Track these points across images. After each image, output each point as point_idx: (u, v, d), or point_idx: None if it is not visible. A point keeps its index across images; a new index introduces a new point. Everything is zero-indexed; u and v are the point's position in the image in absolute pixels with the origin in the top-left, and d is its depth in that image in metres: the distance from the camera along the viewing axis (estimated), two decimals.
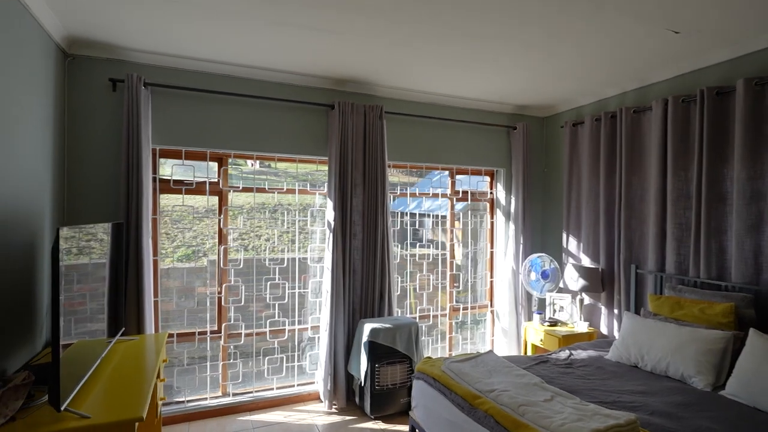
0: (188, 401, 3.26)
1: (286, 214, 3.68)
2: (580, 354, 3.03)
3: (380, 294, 3.63)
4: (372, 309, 3.60)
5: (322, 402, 3.45)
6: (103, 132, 2.94)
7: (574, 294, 3.89)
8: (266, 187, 3.54)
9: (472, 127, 4.16)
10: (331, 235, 3.44)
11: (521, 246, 4.24)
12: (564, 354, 3.04)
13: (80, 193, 2.89)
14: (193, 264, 3.42)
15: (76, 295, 2.07)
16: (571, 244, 4.03)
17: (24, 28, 2.21)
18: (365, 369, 3.23)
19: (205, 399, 3.30)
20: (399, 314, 3.99)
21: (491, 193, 4.49)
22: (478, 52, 2.92)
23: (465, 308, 4.35)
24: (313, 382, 3.63)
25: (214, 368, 3.37)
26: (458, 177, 4.32)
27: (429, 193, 4.23)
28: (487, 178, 4.50)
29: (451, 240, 4.29)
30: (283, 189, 3.57)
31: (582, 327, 3.68)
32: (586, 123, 3.86)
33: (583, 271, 3.65)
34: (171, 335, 3.21)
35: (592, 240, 3.82)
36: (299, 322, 3.67)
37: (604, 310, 3.70)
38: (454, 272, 4.30)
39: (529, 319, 4.21)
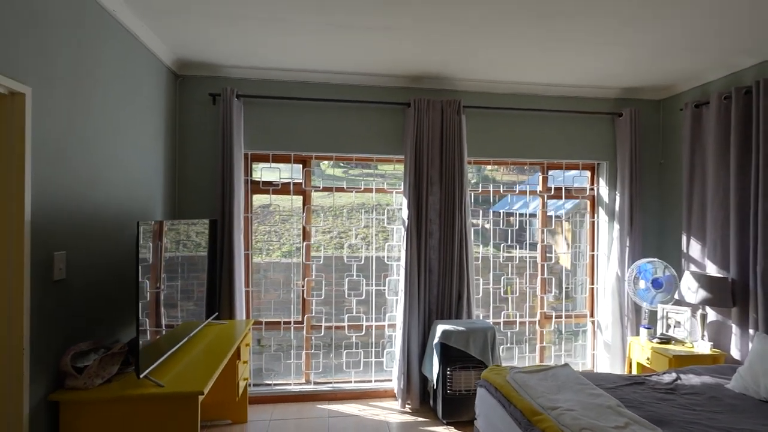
0: (275, 385, 3.54)
1: (364, 212, 3.77)
2: (691, 379, 2.53)
3: (458, 295, 3.50)
4: (449, 310, 3.49)
5: (396, 400, 3.45)
6: (205, 140, 3.36)
7: (695, 308, 3.26)
8: (345, 186, 3.68)
9: (565, 116, 3.76)
10: (406, 233, 3.43)
11: (627, 249, 3.69)
12: (669, 377, 2.57)
13: (187, 194, 3.35)
14: (280, 259, 3.71)
15: (182, 282, 2.41)
16: (693, 248, 3.38)
17: (141, 59, 2.65)
18: (437, 371, 3.15)
19: (290, 384, 3.56)
20: (480, 317, 3.80)
21: (591, 189, 4.00)
22: (563, 31, 2.63)
23: (559, 316, 3.95)
24: (390, 380, 3.65)
25: (298, 356, 3.61)
26: (551, 172, 3.95)
27: (515, 191, 3.94)
28: (587, 173, 4.03)
29: (543, 241, 3.93)
30: (360, 188, 3.67)
31: (704, 348, 3.07)
32: (713, 103, 3.20)
33: (707, 281, 3.03)
34: (259, 323, 3.53)
35: (720, 244, 3.16)
36: (377, 319, 3.73)
37: (735, 329, 3.03)
38: (546, 276, 3.93)
39: (637, 333, 3.65)
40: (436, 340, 3.14)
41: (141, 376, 1.92)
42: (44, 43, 1.80)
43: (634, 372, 3.38)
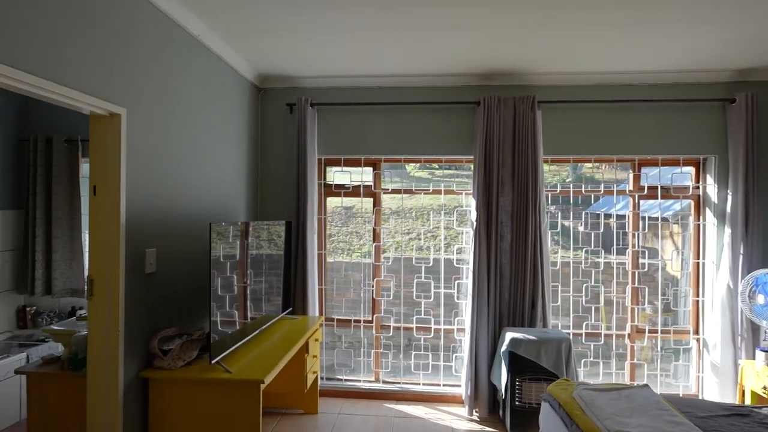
0: (346, 380, 3.68)
1: (432, 214, 3.74)
2: None
3: (531, 302, 3.30)
4: (521, 317, 3.31)
5: (464, 407, 3.36)
6: (284, 147, 3.62)
7: None
8: (413, 188, 3.69)
9: (661, 106, 3.34)
10: (474, 236, 3.33)
11: (741, 257, 3.16)
12: None
13: (269, 198, 3.64)
14: (354, 259, 3.84)
15: (258, 278, 2.65)
16: None
17: (224, 76, 2.95)
18: (505, 381, 3.01)
19: (359, 381, 3.67)
20: (559, 327, 3.54)
21: (696, 187, 3.50)
22: (651, 11, 2.35)
23: (654, 331, 3.52)
24: (459, 385, 3.57)
25: (367, 355, 3.71)
26: (644, 170, 3.54)
27: (600, 190, 3.60)
28: (690, 170, 3.53)
29: (634, 246, 3.54)
30: (429, 190, 3.65)
31: None
32: None
33: None
34: (331, 320, 3.69)
35: None
36: (447, 322, 3.67)
37: None
38: (638, 285, 3.53)
39: (752, 356, 3.11)
40: (504, 348, 3.00)
41: (212, 362, 2.14)
42: (137, 69, 2.09)
43: (748, 402, 2.89)
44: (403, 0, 2.25)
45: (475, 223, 3.33)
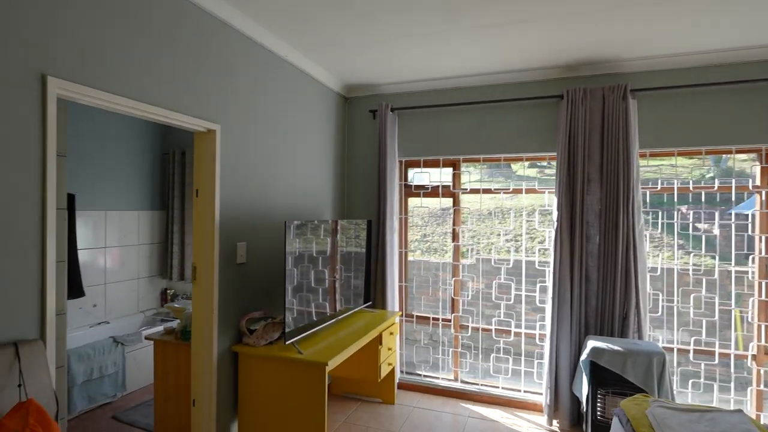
0: (424, 376, 3.76)
1: (512, 214, 3.63)
2: None
3: (623, 310, 3.02)
4: (609, 326, 3.04)
5: (543, 415, 3.21)
6: (367, 151, 3.86)
7: None
8: (492, 188, 3.62)
9: None
10: (556, 236, 3.16)
11: None
12: None
13: (354, 198, 3.92)
14: (430, 258, 3.91)
15: (337, 271, 2.92)
16: None
17: (310, 89, 3.29)
18: (586, 392, 2.80)
19: (438, 378, 3.72)
20: (658, 340, 3.16)
21: None
22: None
23: None
24: (540, 393, 3.41)
25: (445, 353, 3.75)
26: None
27: (714, 187, 3.11)
28: None
29: (761, 252, 2.99)
30: (509, 189, 3.55)
31: None
32: None
33: None
34: (411, 316, 3.81)
35: None
36: (528, 326, 3.53)
37: None
38: (765, 298, 2.97)
39: None
40: (584, 357, 2.81)
41: (286, 342, 2.43)
42: (230, 90, 2.49)
43: None
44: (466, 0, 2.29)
45: (556, 223, 3.16)
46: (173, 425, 2.63)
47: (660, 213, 3.25)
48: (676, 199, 3.20)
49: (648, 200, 3.26)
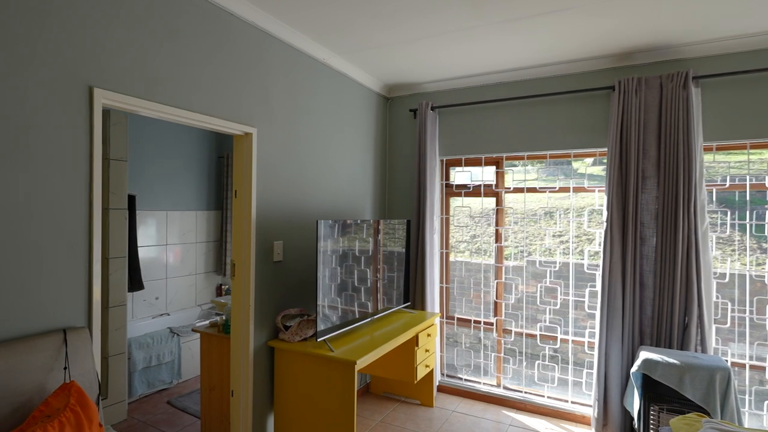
0: (465, 380, 3.67)
1: (559, 215, 3.43)
2: None
3: (683, 319, 2.75)
4: (668, 336, 2.78)
5: (591, 429, 3.00)
6: (408, 151, 3.84)
7: None
8: (537, 187, 3.45)
9: None
10: (606, 238, 2.94)
11: None
12: None
13: (395, 198, 3.91)
14: (471, 259, 3.79)
15: (373, 270, 2.94)
16: None
17: (350, 91, 3.33)
18: (638, 407, 2.59)
19: (479, 383, 3.61)
20: (729, 354, 2.84)
21: None
22: None
23: None
24: (589, 405, 3.19)
25: (488, 357, 3.63)
26: None
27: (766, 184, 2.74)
28: None
29: None
30: (555, 188, 3.36)
31: None
32: None
33: None
34: (452, 318, 3.73)
35: None
36: (576, 334, 3.32)
37: None
38: None
39: None
40: (635, 369, 2.59)
41: (318, 340, 2.48)
42: (266, 94, 2.58)
43: None
44: None
45: (606, 224, 2.95)
46: (217, 413, 2.78)
47: (729, 213, 2.92)
48: (749, 198, 2.85)
49: (715, 199, 2.94)
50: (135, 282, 3.52)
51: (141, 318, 3.98)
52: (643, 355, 2.58)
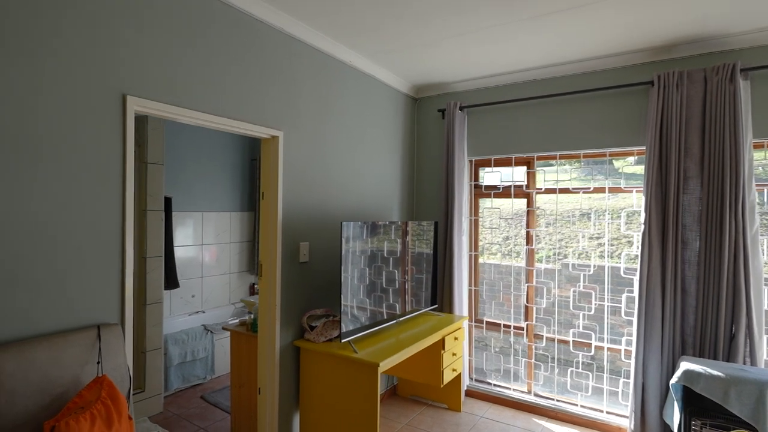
0: (495, 385, 3.58)
1: (597, 215, 3.28)
2: None
3: (730, 329, 2.57)
4: (712, 347, 2.61)
5: None
6: (436, 152, 3.80)
7: None
8: (570, 187, 3.32)
9: None
10: (644, 242, 2.80)
11: None
12: None
13: (423, 199, 3.88)
14: (502, 262, 3.69)
15: (399, 272, 2.94)
16: None
17: (377, 92, 3.33)
18: (678, 421, 2.44)
19: (509, 389, 3.52)
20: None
21: None
22: None
23: None
24: (626, 416, 3.04)
25: (518, 362, 3.53)
26: None
27: None
28: None
29: None
30: (590, 189, 3.23)
31: None
32: None
33: None
34: (481, 321, 3.66)
35: None
36: (612, 341, 3.17)
37: None
38: None
39: None
40: (674, 381, 2.44)
41: (342, 341, 2.49)
42: (293, 98, 2.62)
43: None
44: None
45: (644, 226, 2.80)
46: (246, 409, 2.85)
47: None
48: None
49: (766, 200, 2.74)
50: (171, 280, 3.67)
51: (178, 315, 4.14)
52: (684, 365, 2.43)
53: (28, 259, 1.55)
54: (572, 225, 3.39)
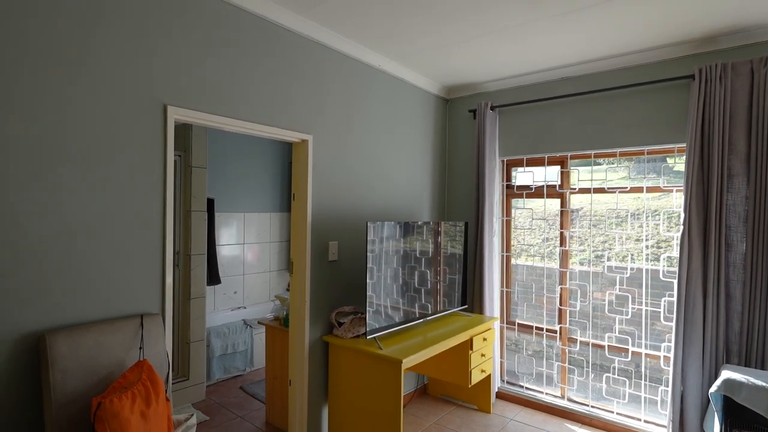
0: (527, 388, 3.53)
1: (634, 216, 3.16)
2: None
3: None
4: (760, 355, 2.46)
5: None
6: (467, 152, 3.80)
7: None
8: (605, 187, 3.21)
9: None
10: (683, 243, 2.67)
11: None
12: None
13: (454, 199, 3.89)
14: (534, 263, 3.62)
15: (428, 272, 2.99)
16: None
17: (406, 94, 3.39)
18: None
19: (542, 393, 3.45)
20: None
21: None
22: None
23: None
24: (665, 426, 2.90)
25: (551, 366, 3.45)
26: None
27: None
28: None
29: None
30: (626, 188, 3.11)
31: None
32: None
33: None
34: (513, 323, 3.61)
35: None
36: (651, 347, 3.04)
37: None
38: None
39: None
40: (714, 390, 2.31)
41: (368, 337, 2.57)
42: (322, 103, 2.74)
43: None
44: None
45: (683, 227, 2.67)
46: (279, 400, 2.99)
47: None
48: None
49: None
50: (213, 276, 3.90)
51: (221, 310, 4.39)
52: (725, 374, 2.30)
53: (80, 255, 1.74)
54: (612, 227, 3.28)
